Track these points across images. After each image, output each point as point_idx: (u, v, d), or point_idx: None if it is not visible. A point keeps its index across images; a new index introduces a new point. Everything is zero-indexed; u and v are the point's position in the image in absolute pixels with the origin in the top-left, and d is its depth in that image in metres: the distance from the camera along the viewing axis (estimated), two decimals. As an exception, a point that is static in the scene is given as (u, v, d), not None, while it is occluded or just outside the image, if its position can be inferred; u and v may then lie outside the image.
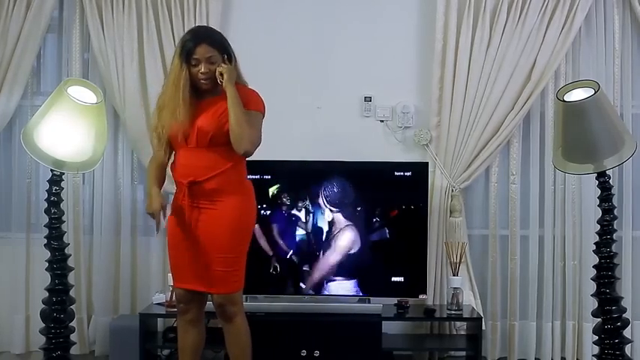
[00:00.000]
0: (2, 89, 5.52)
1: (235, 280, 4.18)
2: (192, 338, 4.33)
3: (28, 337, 5.68)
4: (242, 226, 4.18)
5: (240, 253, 4.18)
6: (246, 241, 4.21)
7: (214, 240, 4.12)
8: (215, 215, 4.13)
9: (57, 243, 5.08)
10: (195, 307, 4.29)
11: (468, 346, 5.28)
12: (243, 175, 4.23)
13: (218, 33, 4.33)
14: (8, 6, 5.50)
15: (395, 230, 5.20)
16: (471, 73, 5.45)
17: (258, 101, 4.20)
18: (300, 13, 5.63)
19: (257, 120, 4.16)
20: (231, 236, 4.13)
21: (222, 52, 4.16)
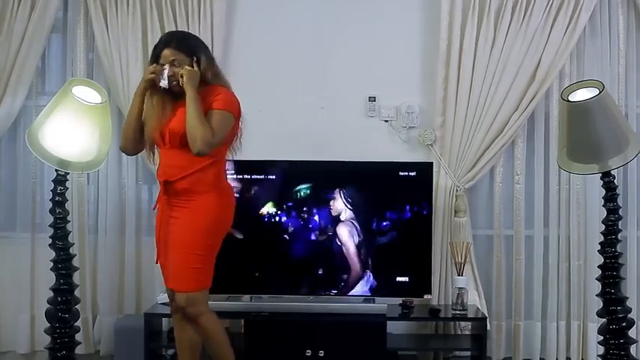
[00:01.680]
0: (7, 89, 5.52)
1: (199, 280, 4.19)
2: (189, 335, 4.33)
3: (33, 336, 5.69)
4: (210, 225, 4.20)
5: (207, 252, 4.20)
6: (214, 241, 4.23)
7: (182, 238, 4.17)
8: (185, 214, 4.19)
9: (62, 243, 5.09)
10: None
11: (472, 346, 5.28)
12: (218, 176, 4.26)
13: (189, 37, 4.42)
14: (13, 6, 5.50)
15: (399, 230, 5.20)
16: (475, 73, 5.44)
17: (227, 101, 4.19)
18: (305, 13, 5.63)
19: (220, 120, 4.13)
20: (197, 234, 4.16)
21: (189, 55, 4.21)
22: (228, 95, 4.22)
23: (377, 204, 5.21)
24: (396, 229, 5.20)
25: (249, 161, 5.27)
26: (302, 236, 5.23)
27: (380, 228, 5.21)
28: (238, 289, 5.31)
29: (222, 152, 4.28)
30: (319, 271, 5.23)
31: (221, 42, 5.51)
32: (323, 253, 5.22)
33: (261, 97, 5.58)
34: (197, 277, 4.18)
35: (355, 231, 5.22)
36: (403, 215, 5.20)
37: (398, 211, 5.20)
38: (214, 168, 4.21)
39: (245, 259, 5.24)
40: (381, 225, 5.21)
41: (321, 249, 5.22)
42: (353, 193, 5.22)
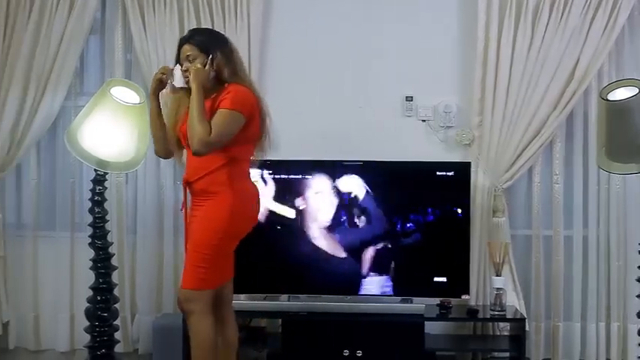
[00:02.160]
0: (46, 90, 5.57)
1: (200, 278, 4.14)
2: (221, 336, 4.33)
3: (72, 335, 5.73)
4: (220, 226, 4.12)
5: (213, 252, 4.13)
6: (222, 243, 4.16)
7: (195, 236, 4.17)
8: (200, 213, 4.18)
9: (101, 242, 5.14)
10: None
11: (511, 347, 5.24)
12: (234, 176, 4.18)
13: (207, 33, 4.38)
14: (51, 8, 5.55)
15: (437, 230, 5.18)
16: (512, 73, 5.41)
17: (236, 100, 4.09)
18: (342, 13, 5.62)
19: (222, 119, 4.06)
20: (205, 233, 4.13)
21: (203, 51, 4.18)
22: (239, 94, 4.12)
23: (414, 204, 5.20)
24: (434, 229, 5.18)
25: (285, 161, 5.29)
26: (339, 236, 5.22)
27: (418, 228, 5.19)
28: (276, 288, 5.31)
29: (240, 152, 4.19)
30: (357, 270, 5.22)
31: (258, 42, 5.52)
32: (360, 253, 5.21)
33: (299, 96, 5.59)
34: (198, 275, 4.13)
35: (393, 231, 5.20)
36: (441, 215, 5.18)
37: (435, 211, 5.18)
38: (229, 168, 4.16)
39: (282, 259, 5.25)
40: (418, 225, 5.19)
41: (359, 249, 5.21)
42: (390, 193, 5.21)
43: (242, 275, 5.18)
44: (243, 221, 4.23)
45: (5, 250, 5.74)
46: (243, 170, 4.26)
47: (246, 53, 5.46)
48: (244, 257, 5.17)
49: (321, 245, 5.23)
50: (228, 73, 4.19)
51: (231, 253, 4.32)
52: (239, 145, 4.16)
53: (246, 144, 4.22)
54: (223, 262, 4.24)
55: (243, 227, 4.25)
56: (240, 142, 4.16)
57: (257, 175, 5.18)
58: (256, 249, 5.21)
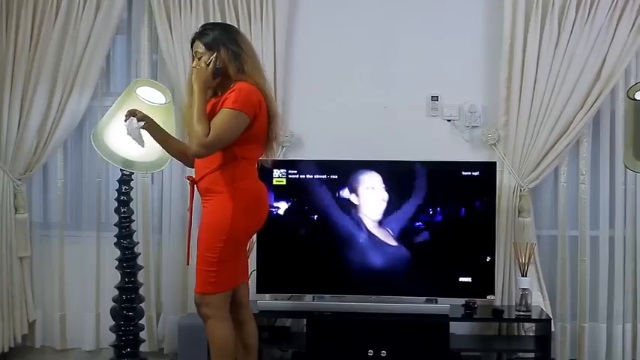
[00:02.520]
0: (73, 90, 5.60)
1: (210, 282, 4.12)
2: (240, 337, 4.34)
3: (98, 334, 5.77)
4: (220, 226, 4.08)
5: (220, 254, 4.08)
6: (225, 243, 4.09)
7: (200, 236, 4.17)
8: (204, 213, 4.17)
9: (126, 242, 5.17)
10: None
11: (536, 348, 5.22)
12: (236, 176, 4.12)
13: (214, 29, 4.24)
14: (78, 9, 5.58)
15: (462, 230, 5.17)
16: (539, 72, 5.38)
17: (239, 99, 4.03)
18: (366, 12, 5.61)
19: (223, 119, 4.02)
20: (209, 235, 4.11)
21: (208, 48, 4.16)
22: (242, 92, 4.05)
23: (439, 204, 5.18)
24: (459, 229, 5.17)
25: (310, 161, 5.31)
26: (363, 236, 5.22)
27: (442, 228, 5.18)
28: (300, 288, 5.31)
29: (243, 151, 4.13)
30: (381, 270, 5.21)
31: (283, 42, 5.53)
32: (385, 253, 5.21)
33: (323, 96, 5.59)
34: (208, 279, 4.12)
35: (417, 231, 5.19)
36: (466, 215, 5.17)
37: (461, 211, 5.17)
38: (232, 168, 4.11)
39: (307, 259, 5.26)
40: (443, 225, 5.18)
41: (383, 249, 5.21)
42: (415, 193, 5.20)
43: (267, 275, 5.22)
44: (248, 221, 4.17)
45: (32, 249, 5.78)
46: (247, 170, 4.19)
47: (272, 54, 5.49)
48: (269, 257, 5.21)
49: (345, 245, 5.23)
50: (233, 70, 4.14)
51: (242, 253, 4.30)
52: (242, 144, 4.11)
53: (251, 143, 4.16)
54: (233, 264, 4.19)
55: (248, 227, 4.21)
56: (244, 142, 4.11)
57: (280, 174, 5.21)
58: (281, 249, 5.25)
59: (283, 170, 5.22)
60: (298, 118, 5.62)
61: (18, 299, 5.69)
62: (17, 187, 5.67)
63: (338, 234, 5.23)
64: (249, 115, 4.05)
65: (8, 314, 5.64)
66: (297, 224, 5.25)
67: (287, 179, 5.23)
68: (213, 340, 4.19)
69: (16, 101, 5.60)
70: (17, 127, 5.61)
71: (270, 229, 5.01)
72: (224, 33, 4.21)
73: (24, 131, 5.60)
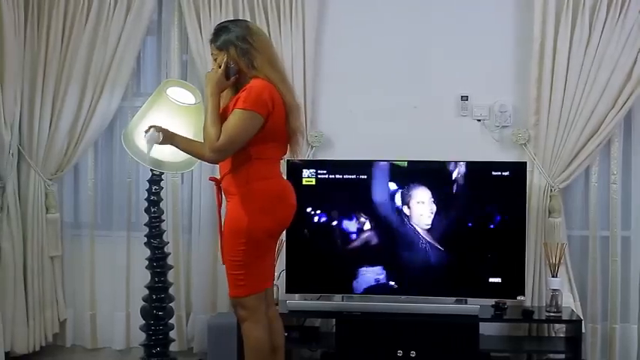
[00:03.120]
0: (104, 91, 5.64)
1: (240, 285, 4.08)
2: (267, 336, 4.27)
3: (128, 333, 5.81)
4: (237, 229, 4.03)
5: (244, 257, 4.04)
6: (246, 246, 4.02)
7: (223, 241, 4.14)
8: (225, 216, 4.13)
9: (156, 241, 5.19)
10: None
11: (567, 349, 5.19)
12: (250, 177, 4.05)
13: (222, 30, 4.19)
14: (109, 10, 5.61)
15: (492, 230, 5.15)
16: (569, 72, 5.34)
17: (250, 98, 3.96)
18: (397, 12, 5.60)
19: (234, 121, 3.97)
20: (229, 238, 4.08)
21: (219, 49, 4.14)
22: (252, 91, 3.98)
23: (469, 204, 5.17)
24: (489, 229, 5.15)
25: (339, 161, 5.32)
26: (393, 236, 5.21)
27: (473, 228, 5.16)
28: (330, 288, 5.31)
29: (259, 151, 4.05)
30: (410, 271, 5.21)
31: (312, 42, 5.53)
32: (414, 253, 5.20)
33: (353, 96, 5.59)
34: (237, 282, 4.08)
35: (447, 231, 5.18)
36: (496, 215, 5.15)
37: (491, 211, 5.15)
38: (246, 169, 4.05)
39: (336, 259, 5.26)
40: (473, 225, 5.16)
41: (412, 249, 5.20)
42: (445, 193, 5.18)
43: (296, 275, 5.23)
44: (268, 222, 4.08)
45: (63, 249, 5.82)
46: (264, 169, 4.10)
47: (301, 54, 5.50)
48: (298, 257, 5.21)
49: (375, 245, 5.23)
50: (245, 67, 4.09)
51: (270, 253, 4.25)
52: (257, 143, 4.04)
53: (267, 142, 4.08)
54: (261, 265, 4.15)
55: (269, 228, 4.11)
56: (259, 141, 4.03)
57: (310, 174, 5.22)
58: (310, 249, 5.25)
59: (312, 170, 5.22)
60: (328, 118, 5.62)
61: (49, 298, 5.73)
62: (48, 187, 5.71)
63: (367, 234, 5.22)
64: (262, 114, 3.98)
65: (39, 313, 5.68)
66: (327, 224, 5.25)
67: (316, 179, 5.23)
68: (248, 342, 4.16)
69: (48, 102, 5.64)
70: (48, 127, 5.66)
71: (299, 228, 5.04)
72: (234, 31, 4.13)
73: (55, 132, 5.65)
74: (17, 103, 5.57)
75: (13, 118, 5.54)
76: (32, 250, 5.67)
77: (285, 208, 4.19)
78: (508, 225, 5.14)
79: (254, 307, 4.12)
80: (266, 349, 4.17)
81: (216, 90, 4.09)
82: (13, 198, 5.61)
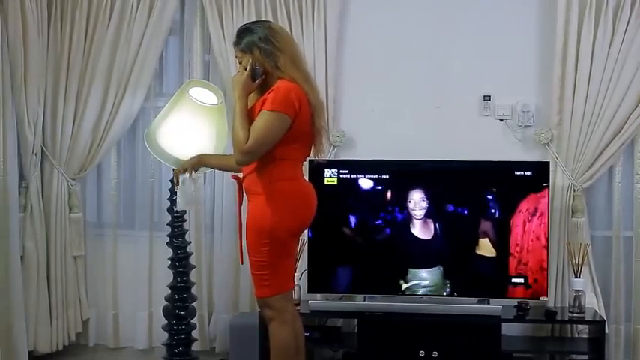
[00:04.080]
0: (126, 91, 5.66)
1: (265, 285, 4.08)
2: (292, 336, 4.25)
3: (150, 332, 5.82)
4: (261, 229, 4.03)
5: (269, 257, 4.04)
6: (270, 246, 4.03)
7: (246, 240, 4.14)
8: (247, 216, 4.14)
9: (179, 241, 5.20)
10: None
11: (590, 350, 5.16)
12: (274, 177, 4.05)
13: (245, 32, 4.19)
14: (131, 10, 5.63)
15: (515, 231, 5.13)
16: (593, 71, 5.32)
17: (277, 99, 3.96)
18: (419, 11, 5.59)
19: (262, 123, 3.96)
20: (252, 238, 4.08)
21: (244, 52, 4.13)
22: (279, 92, 3.98)
23: (492, 204, 5.15)
24: (512, 229, 5.13)
25: (361, 161, 5.32)
26: (415, 236, 5.21)
27: (495, 228, 5.15)
28: (352, 288, 5.31)
29: (284, 152, 4.05)
30: (433, 270, 5.19)
31: (334, 41, 5.53)
32: (436, 254, 5.19)
33: (375, 96, 5.58)
34: (262, 283, 4.09)
35: (470, 231, 5.17)
36: (519, 216, 5.13)
37: (513, 211, 5.13)
38: (270, 169, 4.04)
39: (358, 259, 5.26)
40: (496, 225, 5.15)
41: (435, 249, 5.19)
42: (468, 193, 5.17)
43: (318, 275, 5.23)
44: (290, 221, 4.09)
45: (86, 248, 5.85)
46: (287, 170, 4.10)
47: (323, 53, 5.50)
48: (320, 257, 5.22)
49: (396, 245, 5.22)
50: (269, 68, 4.09)
51: (293, 254, 4.25)
52: (283, 145, 4.03)
53: (292, 143, 4.07)
54: (285, 264, 4.14)
55: (291, 227, 4.11)
56: (285, 142, 4.03)
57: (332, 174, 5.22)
58: (332, 249, 5.25)
59: (334, 170, 5.22)
60: (350, 117, 5.62)
61: (72, 298, 5.76)
62: (72, 186, 5.74)
63: (389, 234, 5.22)
64: (290, 115, 3.98)
65: (63, 313, 5.71)
66: (348, 224, 5.25)
67: (338, 179, 5.24)
68: (275, 342, 4.16)
69: (71, 102, 5.67)
70: (72, 127, 5.68)
71: (321, 228, 5.04)
72: (256, 32, 4.13)
73: (78, 132, 5.67)
74: (40, 104, 5.60)
75: (36, 119, 5.57)
76: (55, 250, 5.70)
77: (307, 209, 4.20)
78: (530, 225, 5.11)
79: (281, 307, 4.12)
80: (292, 350, 4.16)
81: (243, 93, 4.08)
82: (37, 198, 5.64)
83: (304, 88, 4.08)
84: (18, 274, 5.47)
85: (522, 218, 5.13)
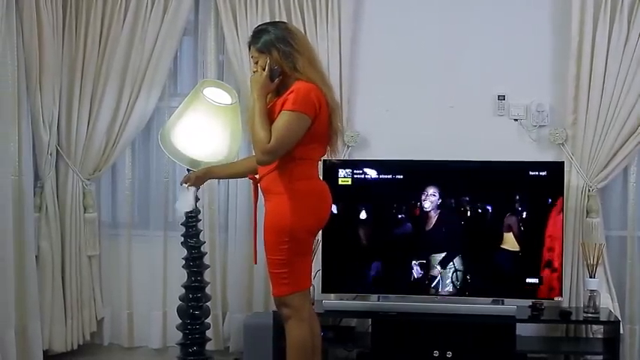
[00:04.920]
0: (141, 91, 5.67)
1: (283, 284, 4.10)
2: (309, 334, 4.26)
3: (165, 332, 5.82)
4: (281, 227, 4.06)
5: (287, 255, 4.06)
6: (289, 244, 4.05)
7: (264, 238, 4.15)
8: (265, 215, 4.15)
9: (193, 241, 5.20)
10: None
11: (605, 350, 5.15)
12: (293, 177, 4.08)
13: (262, 32, 4.21)
14: (146, 10, 5.64)
15: (529, 231, 5.12)
16: (608, 70, 5.29)
17: (297, 100, 4.00)
18: (433, 11, 5.58)
19: (284, 123, 3.99)
20: (270, 237, 4.10)
21: (261, 52, 4.15)
22: (300, 93, 4.02)
23: (506, 204, 5.14)
24: (526, 229, 5.12)
25: (376, 161, 5.31)
26: (429, 236, 5.20)
27: (509, 228, 5.13)
28: (366, 288, 5.31)
29: (303, 152, 4.09)
30: (447, 271, 5.19)
31: (348, 41, 5.53)
32: (450, 253, 5.18)
33: (389, 96, 5.58)
34: (280, 281, 4.11)
35: (484, 231, 5.16)
36: (533, 216, 5.12)
37: (528, 211, 5.12)
38: (291, 168, 4.08)
39: (372, 259, 5.25)
40: (510, 225, 5.13)
41: (449, 249, 5.18)
42: (482, 193, 5.16)
43: (332, 275, 5.23)
44: (309, 220, 4.13)
45: (100, 248, 5.86)
46: (306, 170, 4.15)
47: (337, 53, 5.50)
48: (334, 257, 5.22)
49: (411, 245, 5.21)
50: (289, 69, 4.12)
51: (310, 252, 4.26)
52: (302, 144, 4.07)
53: (310, 143, 4.11)
54: (304, 262, 4.18)
55: (310, 226, 4.15)
56: (304, 142, 4.07)
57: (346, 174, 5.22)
58: (346, 249, 5.25)
59: (349, 170, 5.23)
60: (364, 118, 5.62)
61: (87, 297, 5.78)
62: (86, 186, 5.75)
63: (403, 234, 5.22)
64: (310, 116, 4.02)
65: (77, 312, 5.73)
66: (362, 224, 5.25)
67: (352, 179, 5.24)
68: (291, 341, 4.17)
69: (86, 102, 5.69)
70: (86, 127, 5.70)
71: (335, 228, 5.04)
72: (274, 33, 4.16)
73: (93, 132, 5.69)
74: (55, 104, 5.62)
75: (51, 119, 5.59)
76: (70, 250, 5.72)
77: (324, 208, 4.24)
78: (545, 225, 5.10)
79: (298, 306, 4.14)
80: (309, 348, 4.18)
81: (262, 92, 4.10)
82: (52, 198, 5.66)
83: (322, 89, 4.12)
84: (33, 273, 5.49)
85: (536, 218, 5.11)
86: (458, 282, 5.17)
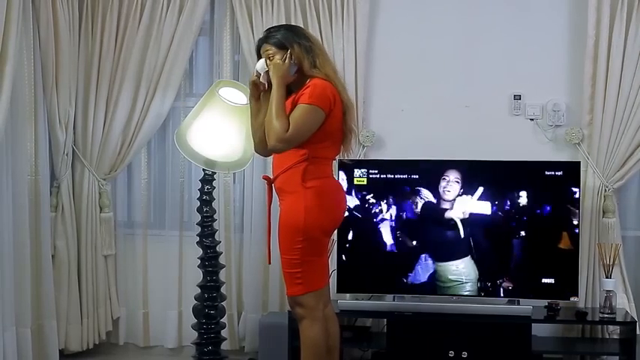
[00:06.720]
0: (157, 91, 5.68)
1: (298, 283, 4.09)
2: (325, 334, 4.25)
3: (180, 332, 5.84)
4: (295, 227, 4.05)
5: (301, 255, 4.05)
6: (303, 244, 4.05)
7: (279, 238, 4.15)
8: (280, 215, 4.15)
9: (209, 241, 5.22)
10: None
11: (621, 351, 5.12)
12: (307, 176, 4.07)
13: (280, 29, 4.25)
14: (162, 11, 5.66)
15: (545, 231, 5.10)
16: (624, 69, 5.27)
17: (315, 94, 4.02)
18: (448, 11, 5.57)
19: (301, 115, 4.00)
20: (285, 237, 4.10)
21: (280, 47, 4.14)
22: (317, 88, 4.04)
23: (522, 204, 5.13)
24: (542, 229, 5.11)
25: (391, 161, 5.31)
26: (444, 236, 5.19)
27: (525, 228, 5.12)
28: (381, 288, 5.31)
29: (317, 150, 4.09)
30: (462, 271, 5.18)
31: (364, 42, 5.53)
32: (466, 254, 5.17)
33: (405, 96, 5.57)
34: (294, 281, 4.10)
35: (500, 231, 5.15)
36: (549, 215, 5.10)
37: (544, 211, 5.11)
38: (305, 167, 4.06)
39: (387, 259, 5.24)
40: (526, 225, 5.12)
41: (464, 250, 5.17)
42: (498, 193, 5.15)
43: (347, 275, 5.23)
44: (323, 219, 4.12)
45: (116, 247, 5.88)
46: (319, 169, 4.14)
47: (353, 53, 5.50)
48: (349, 257, 5.21)
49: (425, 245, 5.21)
50: (307, 65, 4.12)
51: (325, 252, 4.25)
52: (315, 143, 4.08)
53: (323, 142, 4.12)
54: (319, 262, 4.17)
55: (324, 226, 4.14)
56: (317, 140, 4.08)
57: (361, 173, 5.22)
58: (361, 249, 5.25)
59: (364, 170, 5.22)
60: (379, 117, 5.62)
61: (102, 297, 5.80)
62: (102, 186, 5.77)
63: (419, 234, 5.21)
64: (325, 110, 4.04)
65: (93, 311, 5.75)
66: (378, 224, 5.24)
67: (368, 179, 5.23)
68: (305, 340, 4.17)
69: (102, 102, 5.71)
70: (102, 127, 5.72)
71: (351, 228, 5.04)
72: (292, 31, 4.24)
73: (109, 132, 5.71)
74: (72, 104, 5.64)
75: (67, 119, 5.61)
76: (86, 249, 5.74)
77: (339, 208, 4.25)
78: (561, 225, 5.09)
79: (312, 306, 4.13)
80: (322, 348, 4.17)
81: (282, 82, 4.10)
82: (68, 197, 5.68)
83: (338, 87, 4.14)
84: (49, 273, 5.51)
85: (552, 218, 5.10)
86: (473, 282, 5.16)
